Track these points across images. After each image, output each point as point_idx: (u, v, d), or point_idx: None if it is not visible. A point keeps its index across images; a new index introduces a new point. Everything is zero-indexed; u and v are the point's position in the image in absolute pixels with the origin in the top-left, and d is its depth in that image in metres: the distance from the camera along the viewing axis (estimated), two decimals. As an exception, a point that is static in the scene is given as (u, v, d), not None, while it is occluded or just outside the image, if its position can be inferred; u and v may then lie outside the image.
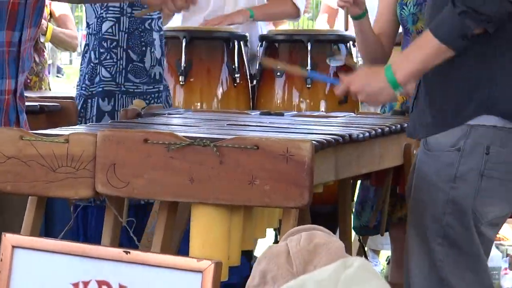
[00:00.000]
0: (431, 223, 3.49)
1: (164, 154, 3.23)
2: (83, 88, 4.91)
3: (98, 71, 4.80)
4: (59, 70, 25.37)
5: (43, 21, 8.87)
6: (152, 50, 4.88)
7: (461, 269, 3.50)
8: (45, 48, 8.32)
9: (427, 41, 3.44)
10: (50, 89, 8.37)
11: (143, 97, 4.67)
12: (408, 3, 4.88)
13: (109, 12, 4.85)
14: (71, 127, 3.76)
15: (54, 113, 4.24)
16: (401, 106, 4.81)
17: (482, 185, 3.44)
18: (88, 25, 4.97)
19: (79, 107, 4.75)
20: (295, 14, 6.55)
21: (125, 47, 4.78)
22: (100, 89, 4.80)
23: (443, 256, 3.47)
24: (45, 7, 4.67)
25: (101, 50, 4.80)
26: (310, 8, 16.63)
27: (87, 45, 4.95)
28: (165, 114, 4.23)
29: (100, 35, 4.84)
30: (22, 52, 3.96)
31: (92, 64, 4.78)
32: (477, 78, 3.45)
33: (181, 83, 5.18)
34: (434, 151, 3.50)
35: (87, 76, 4.92)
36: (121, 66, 4.77)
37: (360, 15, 4.82)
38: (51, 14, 8.11)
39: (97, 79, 4.77)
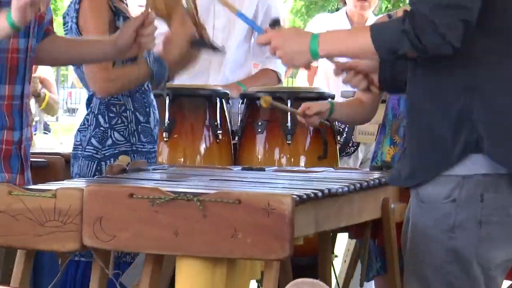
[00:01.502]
0: (432, 272, 3.47)
1: (149, 208, 3.24)
2: (93, 151, 4.84)
3: (109, 134, 4.73)
4: (46, 127, 25.35)
5: (43, 90, 8.93)
6: (153, 110, 4.84)
7: None
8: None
9: (363, 35, 3.45)
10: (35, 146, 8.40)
11: (148, 155, 4.70)
12: None
13: None
14: (58, 182, 3.76)
15: (41, 169, 4.24)
16: (382, 161, 4.81)
17: (482, 233, 3.44)
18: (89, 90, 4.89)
19: (92, 169, 4.72)
20: (278, 83, 6.59)
21: (132, 109, 4.73)
22: (116, 151, 4.73)
23: None
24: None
25: (111, 115, 4.72)
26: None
27: (90, 109, 4.85)
28: (149, 170, 4.24)
29: (106, 100, 4.76)
30: (25, 105, 3.98)
31: (101, 128, 4.71)
32: (459, 120, 3.45)
33: (165, 139, 5.19)
34: (429, 203, 3.49)
35: (94, 139, 4.81)
36: (132, 128, 4.69)
37: None
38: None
39: (109, 142, 4.71)
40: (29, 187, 3.55)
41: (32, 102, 8.96)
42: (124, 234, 3.28)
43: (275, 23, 4.11)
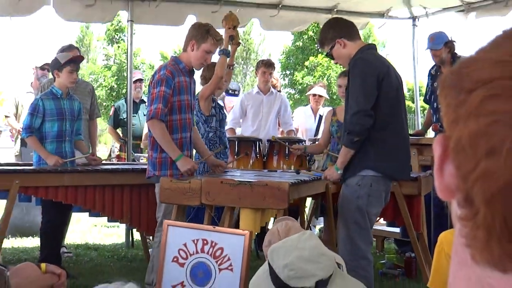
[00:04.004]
0: (349, 216, 3.41)
1: (228, 187, 3.24)
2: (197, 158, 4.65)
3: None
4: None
5: None
6: (228, 146, 4.70)
7: (359, 235, 3.40)
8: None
9: (344, 151, 3.38)
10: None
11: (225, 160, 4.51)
12: (334, 125, 4.77)
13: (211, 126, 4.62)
14: (191, 177, 3.73)
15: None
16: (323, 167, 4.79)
17: (369, 200, 3.38)
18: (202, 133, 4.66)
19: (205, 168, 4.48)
20: (296, 134, 6.13)
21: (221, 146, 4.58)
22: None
23: (353, 230, 3.38)
24: None
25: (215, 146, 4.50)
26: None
27: (202, 135, 4.57)
28: (229, 171, 4.22)
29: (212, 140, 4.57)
30: (190, 140, 3.88)
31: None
32: (363, 153, 3.37)
33: (235, 158, 5.10)
34: (349, 185, 3.41)
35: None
36: (220, 153, 4.50)
37: None
38: None
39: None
40: (178, 178, 3.53)
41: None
42: (218, 198, 3.29)
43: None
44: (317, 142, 5.01)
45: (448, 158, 0.51)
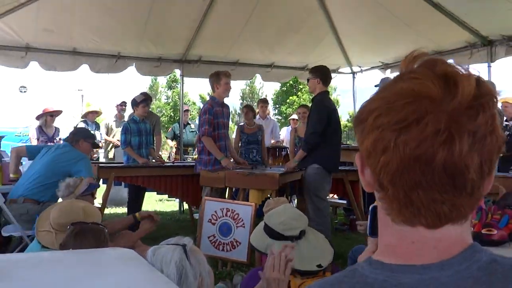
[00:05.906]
0: (312, 192, 3.32)
1: (242, 176, 3.20)
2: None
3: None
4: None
5: None
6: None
7: (321, 204, 3.31)
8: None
9: (300, 152, 3.34)
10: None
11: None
12: (296, 138, 4.71)
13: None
14: (219, 169, 3.68)
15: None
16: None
17: (321, 181, 3.30)
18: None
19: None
20: (280, 143, 5.51)
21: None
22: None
23: (317, 201, 3.29)
24: None
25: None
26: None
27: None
28: (247, 168, 4.17)
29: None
30: (228, 147, 3.70)
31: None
32: (315, 155, 3.31)
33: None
34: (309, 174, 3.33)
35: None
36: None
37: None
38: None
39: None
40: (212, 170, 3.49)
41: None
42: (236, 183, 3.24)
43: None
44: (289, 150, 4.96)
45: (365, 166, 0.53)
